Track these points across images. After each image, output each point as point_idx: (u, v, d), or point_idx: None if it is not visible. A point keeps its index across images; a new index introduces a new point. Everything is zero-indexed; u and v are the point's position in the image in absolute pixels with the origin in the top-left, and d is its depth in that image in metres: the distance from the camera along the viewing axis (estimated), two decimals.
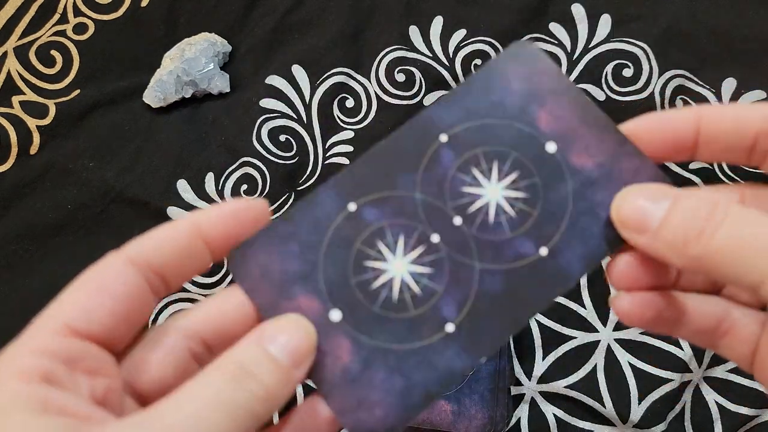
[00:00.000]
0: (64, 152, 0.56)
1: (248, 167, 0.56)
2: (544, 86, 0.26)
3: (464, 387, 0.47)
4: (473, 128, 0.25)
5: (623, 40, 0.59)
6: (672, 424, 0.51)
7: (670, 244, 0.21)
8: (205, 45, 0.58)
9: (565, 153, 0.25)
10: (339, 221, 0.25)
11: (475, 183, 0.25)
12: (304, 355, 0.21)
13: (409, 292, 0.24)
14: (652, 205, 0.22)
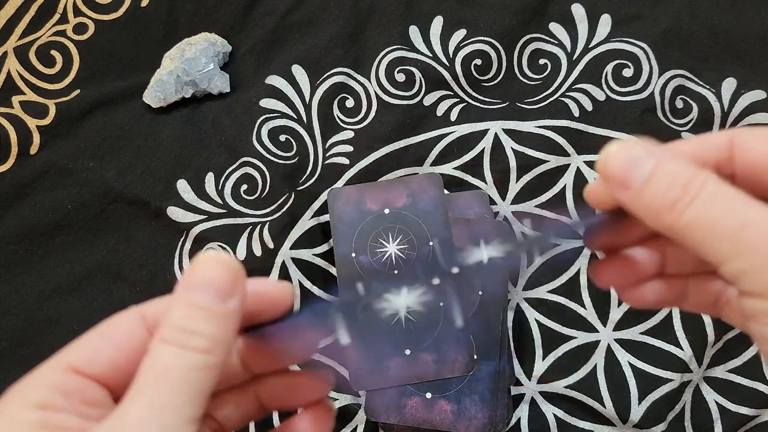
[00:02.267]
0: (64, 152, 0.56)
1: (248, 167, 0.56)
2: None
3: (464, 387, 0.47)
4: None
5: (623, 40, 0.59)
6: (672, 424, 0.51)
7: (646, 207, 0.22)
8: (205, 45, 0.58)
9: None
10: None
11: None
12: (230, 287, 0.22)
13: None
14: (640, 162, 0.22)
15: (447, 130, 0.57)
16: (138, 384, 0.21)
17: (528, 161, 0.56)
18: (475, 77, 0.58)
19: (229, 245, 0.54)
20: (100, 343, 0.23)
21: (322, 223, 0.55)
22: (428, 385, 0.48)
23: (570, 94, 0.58)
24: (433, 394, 0.47)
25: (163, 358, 0.21)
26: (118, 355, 0.23)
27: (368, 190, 0.52)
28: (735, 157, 0.24)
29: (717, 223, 0.20)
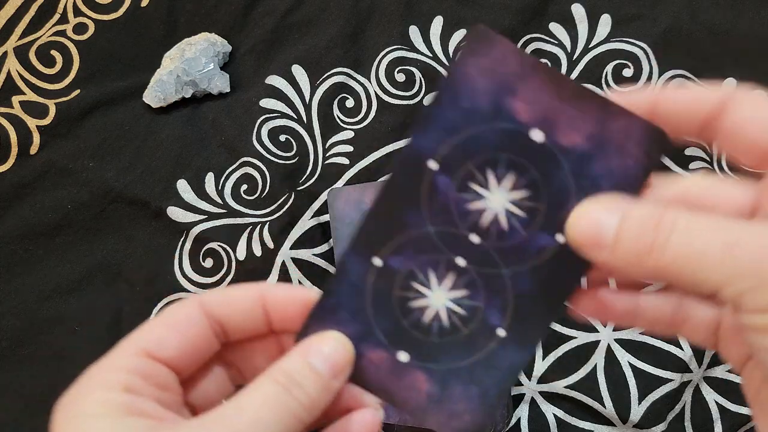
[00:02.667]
0: (64, 152, 0.56)
1: (248, 167, 0.56)
2: (509, 74, 0.24)
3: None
4: (456, 145, 0.25)
5: (623, 40, 0.59)
6: (672, 424, 0.51)
7: (626, 259, 0.21)
8: (205, 45, 0.58)
9: (553, 136, 0.24)
10: (372, 279, 0.26)
11: (478, 197, 0.25)
12: (342, 367, 0.24)
13: (456, 315, 0.26)
14: (605, 220, 0.22)
15: None
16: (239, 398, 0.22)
17: None
18: None
19: (229, 245, 0.54)
20: (165, 329, 0.24)
21: (322, 223, 0.55)
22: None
23: None
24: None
25: (269, 391, 0.22)
26: (183, 341, 0.24)
27: (368, 190, 0.52)
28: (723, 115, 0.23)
29: (701, 252, 0.20)
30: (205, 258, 0.54)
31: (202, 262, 0.54)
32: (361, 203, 0.52)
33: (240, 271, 0.54)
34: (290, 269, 0.54)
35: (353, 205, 0.52)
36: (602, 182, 0.24)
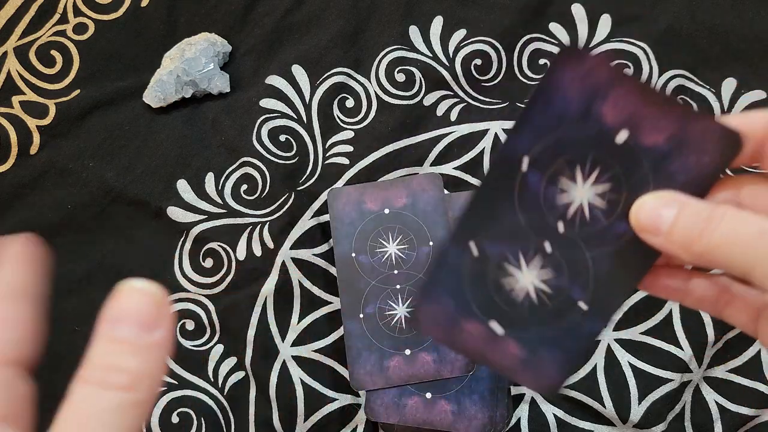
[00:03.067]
0: (64, 152, 0.56)
1: (248, 167, 0.56)
2: (601, 82, 0.27)
3: (464, 387, 0.48)
4: (548, 145, 0.28)
5: (623, 40, 0.59)
6: (672, 424, 0.51)
7: (679, 243, 0.25)
8: (205, 45, 0.58)
9: (637, 137, 0.28)
10: (469, 264, 0.30)
11: (565, 190, 0.29)
12: (154, 316, 0.21)
13: (543, 293, 0.30)
14: (664, 211, 0.26)
15: (447, 130, 0.57)
16: (58, 420, 0.19)
17: None
18: (475, 77, 0.58)
19: (228, 245, 0.54)
20: None
21: (322, 223, 0.55)
22: (428, 385, 0.48)
23: None
24: (433, 394, 0.47)
25: (82, 401, 0.20)
26: None
27: (368, 190, 0.52)
28: None
29: (739, 236, 0.24)
30: (205, 258, 0.54)
31: (202, 262, 0.54)
32: (361, 203, 0.52)
33: (240, 271, 0.54)
34: (290, 269, 0.54)
35: (353, 205, 0.52)
36: (678, 177, 0.28)
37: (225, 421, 0.52)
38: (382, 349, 0.49)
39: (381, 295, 0.50)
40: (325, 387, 0.52)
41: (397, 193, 0.52)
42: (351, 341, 0.49)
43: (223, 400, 0.52)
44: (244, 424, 0.52)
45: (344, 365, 0.51)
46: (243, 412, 0.52)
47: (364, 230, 0.51)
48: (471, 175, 0.56)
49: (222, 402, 0.52)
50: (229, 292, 0.54)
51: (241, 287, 0.54)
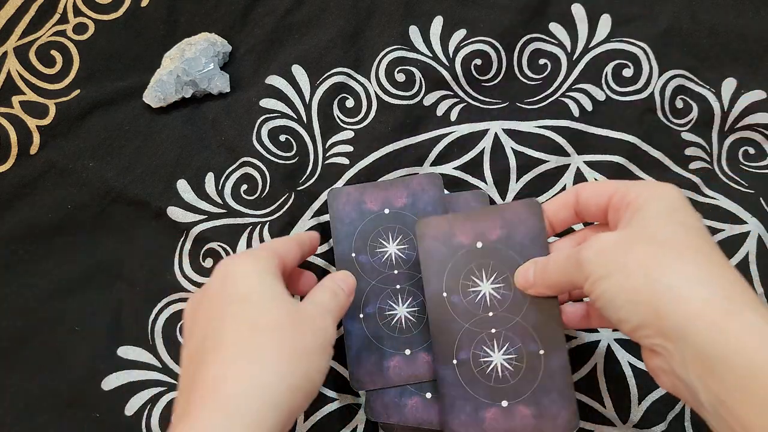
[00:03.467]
0: (64, 152, 0.56)
1: (248, 167, 0.56)
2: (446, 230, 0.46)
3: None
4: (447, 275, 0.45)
5: (623, 40, 0.59)
6: (672, 424, 0.51)
7: (540, 286, 0.42)
8: (205, 45, 0.58)
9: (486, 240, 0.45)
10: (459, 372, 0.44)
11: (476, 293, 0.45)
12: (351, 291, 0.43)
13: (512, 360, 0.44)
14: (528, 272, 0.43)
15: (447, 130, 0.57)
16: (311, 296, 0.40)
17: (528, 161, 0.56)
18: (475, 77, 0.58)
19: (229, 245, 0.54)
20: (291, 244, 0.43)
21: (322, 223, 0.55)
22: (429, 385, 0.47)
23: (570, 94, 0.58)
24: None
25: (326, 293, 0.41)
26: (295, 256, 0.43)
27: (368, 190, 0.52)
28: (578, 201, 0.42)
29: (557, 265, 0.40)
30: (205, 258, 0.54)
31: (202, 262, 0.54)
32: (361, 203, 0.52)
33: None
34: None
35: (353, 205, 0.52)
36: (526, 243, 0.44)
37: None
38: (382, 349, 0.48)
39: (381, 295, 0.50)
40: (325, 387, 0.52)
41: (397, 193, 0.52)
42: (350, 341, 0.49)
43: None
44: None
45: (344, 365, 0.51)
46: None
47: (364, 230, 0.51)
48: (471, 175, 0.56)
49: None
50: None
51: None
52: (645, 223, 0.36)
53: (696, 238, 0.35)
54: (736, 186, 0.56)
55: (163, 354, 0.53)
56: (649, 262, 0.34)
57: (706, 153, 0.57)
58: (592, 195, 0.41)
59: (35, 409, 0.51)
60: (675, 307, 0.32)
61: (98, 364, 0.52)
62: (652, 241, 0.35)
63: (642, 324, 0.34)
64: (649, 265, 0.34)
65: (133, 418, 0.52)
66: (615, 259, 0.35)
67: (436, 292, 0.45)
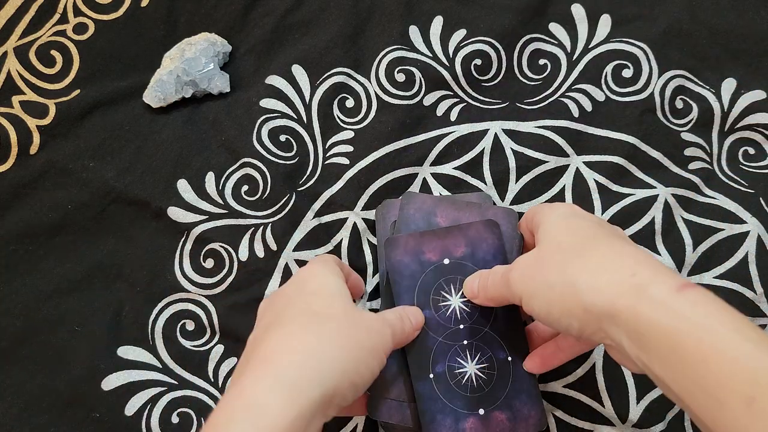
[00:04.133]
0: (64, 152, 0.56)
1: (248, 168, 0.56)
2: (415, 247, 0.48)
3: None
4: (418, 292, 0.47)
5: (623, 40, 0.59)
6: (671, 424, 0.51)
7: (483, 297, 0.43)
8: (205, 45, 0.58)
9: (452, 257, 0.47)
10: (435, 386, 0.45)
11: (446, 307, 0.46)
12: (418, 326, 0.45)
13: (485, 369, 0.46)
14: (473, 284, 0.45)
15: (447, 130, 0.57)
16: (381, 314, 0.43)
17: (527, 162, 0.56)
18: (475, 77, 0.58)
19: (230, 246, 0.54)
20: None
21: (324, 224, 0.55)
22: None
23: (570, 94, 0.58)
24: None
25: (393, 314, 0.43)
26: None
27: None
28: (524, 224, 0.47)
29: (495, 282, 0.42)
30: (206, 258, 0.54)
31: (202, 262, 0.54)
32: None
33: (242, 272, 0.54)
34: (293, 270, 0.54)
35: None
36: (489, 258, 0.47)
37: None
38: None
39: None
40: None
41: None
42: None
43: None
44: None
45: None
46: None
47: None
48: (470, 175, 0.56)
49: None
50: (231, 292, 0.54)
51: (242, 288, 0.54)
52: (547, 236, 0.40)
53: (593, 233, 0.39)
54: (736, 186, 0.56)
55: (163, 354, 0.53)
56: (562, 270, 0.36)
57: (706, 153, 0.57)
58: (524, 220, 0.47)
59: (35, 409, 0.51)
60: (594, 299, 0.34)
61: (98, 364, 0.52)
62: (558, 249, 0.38)
63: (583, 326, 0.35)
64: (564, 273, 0.36)
65: (133, 418, 0.52)
66: (534, 277, 0.38)
67: None
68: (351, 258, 0.54)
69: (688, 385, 0.30)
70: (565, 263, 0.36)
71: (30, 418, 0.51)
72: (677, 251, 0.54)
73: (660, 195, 0.55)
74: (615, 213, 0.55)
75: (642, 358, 0.32)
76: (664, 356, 0.31)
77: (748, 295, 0.53)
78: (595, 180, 0.56)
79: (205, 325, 0.53)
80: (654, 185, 0.55)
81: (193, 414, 0.52)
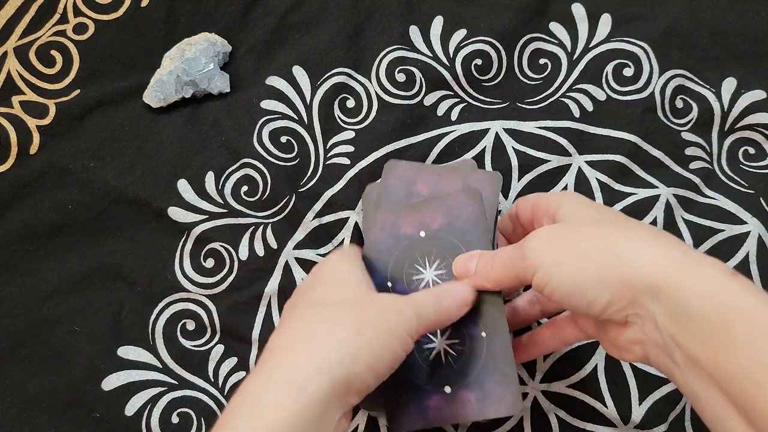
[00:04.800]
0: (64, 152, 0.56)
1: (249, 168, 0.56)
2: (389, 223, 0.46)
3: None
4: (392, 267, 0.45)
5: (623, 39, 0.59)
6: (673, 425, 0.51)
7: (481, 278, 0.41)
8: (205, 45, 0.58)
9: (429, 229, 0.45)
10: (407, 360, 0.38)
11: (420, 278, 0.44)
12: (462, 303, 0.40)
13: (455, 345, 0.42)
14: (470, 263, 0.41)
15: (447, 129, 0.57)
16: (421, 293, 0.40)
17: (530, 160, 0.56)
18: (475, 77, 0.58)
19: (230, 245, 0.54)
20: None
21: (324, 224, 0.55)
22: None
23: (570, 94, 0.58)
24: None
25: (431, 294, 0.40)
26: None
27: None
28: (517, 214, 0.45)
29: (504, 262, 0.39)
30: (206, 258, 0.54)
31: (203, 262, 0.54)
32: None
33: (242, 272, 0.54)
34: (294, 269, 0.54)
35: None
36: (468, 228, 0.44)
37: None
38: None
39: None
40: None
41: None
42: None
43: (224, 401, 0.52)
44: None
45: None
46: None
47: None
48: None
49: (222, 402, 0.52)
50: (231, 292, 0.54)
51: (243, 287, 0.54)
52: (574, 212, 0.39)
53: (621, 215, 0.39)
54: (736, 186, 0.56)
55: (163, 354, 0.53)
56: (600, 240, 0.35)
57: (706, 153, 0.57)
58: (521, 208, 0.44)
59: (35, 409, 0.51)
60: (639, 270, 0.33)
61: (98, 364, 0.52)
62: (590, 222, 0.37)
63: (613, 299, 0.34)
64: (602, 242, 0.35)
65: (133, 418, 0.51)
66: (562, 246, 0.36)
67: (380, 284, 0.44)
68: None
69: (727, 365, 0.30)
70: (604, 234, 0.35)
71: (30, 418, 0.51)
72: None
73: (662, 195, 0.55)
74: None
75: (677, 337, 0.32)
76: (708, 335, 0.31)
77: None
78: (598, 179, 0.56)
79: (206, 325, 0.53)
80: (656, 185, 0.55)
81: (193, 414, 0.52)
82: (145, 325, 0.53)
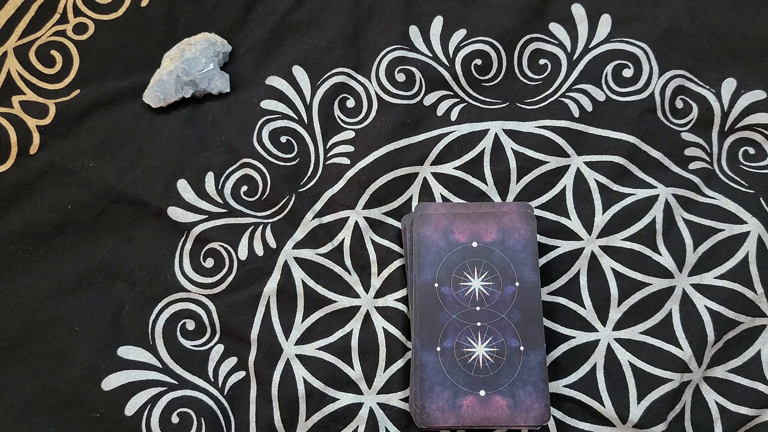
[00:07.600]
0: (64, 152, 0.56)
1: (248, 168, 0.56)
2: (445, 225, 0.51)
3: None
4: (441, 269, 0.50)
5: (623, 40, 0.59)
6: (672, 425, 0.51)
7: None
8: (205, 45, 0.58)
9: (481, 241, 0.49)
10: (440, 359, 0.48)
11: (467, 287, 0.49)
12: None
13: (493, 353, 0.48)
14: None
15: (447, 129, 0.57)
16: None
17: (528, 162, 0.56)
18: (475, 77, 0.58)
19: (230, 245, 0.54)
20: None
21: (324, 224, 0.55)
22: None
23: (570, 94, 0.58)
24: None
25: None
26: None
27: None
28: None
29: None
30: (206, 258, 0.54)
31: (202, 262, 0.54)
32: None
33: (241, 271, 0.54)
34: (293, 268, 0.54)
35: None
36: (518, 248, 0.49)
37: (225, 421, 0.52)
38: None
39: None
40: (328, 386, 0.52)
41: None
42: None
43: (223, 400, 0.52)
44: (245, 423, 0.52)
45: (349, 364, 0.51)
46: (243, 412, 0.52)
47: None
48: (471, 175, 0.56)
49: (222, 402, 0.52)
50: (230, 291, 0.54)
51: (242, 287, 0.54)
52: None
53: None
54: (736, 186, 0.56)
55: (163, 354, 0.53)
56: None
57: (706, 153, 0.57)
58: None
59: (35, 409, 0.51)
60: None
61: (98, 364, 0.52)
62: None
63: None
64: None
65: (133, 418, 0.51)
66: None
67: (428, 281, 0.49)
68: (354, 256, 0.54)
69: None
70: None
71: (30, 418, 0.51)
72: (677, 251, 0.54)
73: (660, 195, 0.55)
74: (616, 213, 0.55)
75: None
76: None
77: (749, 295, 0.53)
78: (596, 180, 0.56)
79: (206, 325, 0.53)
80: (654, 185, 0.55)
81: (192, 414, 0.52)
82: (145, 325, 0.53)
